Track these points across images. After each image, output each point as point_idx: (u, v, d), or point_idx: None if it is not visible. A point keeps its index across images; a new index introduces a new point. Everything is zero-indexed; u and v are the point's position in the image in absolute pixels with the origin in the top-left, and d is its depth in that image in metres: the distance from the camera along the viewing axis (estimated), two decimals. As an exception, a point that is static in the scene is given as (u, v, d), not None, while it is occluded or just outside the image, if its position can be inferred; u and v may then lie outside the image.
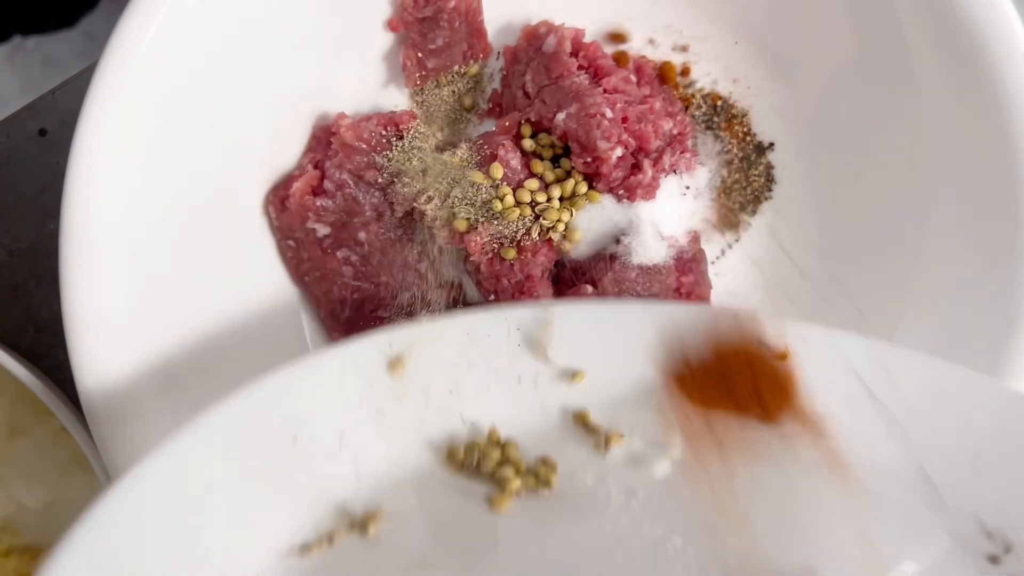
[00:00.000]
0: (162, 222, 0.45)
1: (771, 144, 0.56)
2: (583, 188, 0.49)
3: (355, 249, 0.51)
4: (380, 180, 0.51)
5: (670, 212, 0.51)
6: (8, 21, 1.08)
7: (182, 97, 0.45)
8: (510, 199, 0.48)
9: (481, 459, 0.38)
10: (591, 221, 0.50)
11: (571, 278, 0.51)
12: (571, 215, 0.49)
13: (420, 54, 0.52)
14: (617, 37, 0.55)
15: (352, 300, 0.52)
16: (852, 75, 0.52)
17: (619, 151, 0.48)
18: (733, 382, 0.38)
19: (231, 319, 0.49)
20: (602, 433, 0.39)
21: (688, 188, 0.52)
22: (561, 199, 0.49)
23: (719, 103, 0.55)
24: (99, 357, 0.43)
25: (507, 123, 0.51)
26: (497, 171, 0.48)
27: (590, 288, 0.48)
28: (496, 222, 0.48)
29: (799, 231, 0.56)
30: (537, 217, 0.49)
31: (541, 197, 0.49)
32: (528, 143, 0.50)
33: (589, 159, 0.48)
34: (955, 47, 0.46)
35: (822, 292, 0.55)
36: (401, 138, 0.51)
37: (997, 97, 0.46)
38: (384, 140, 0.51)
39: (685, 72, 0.55)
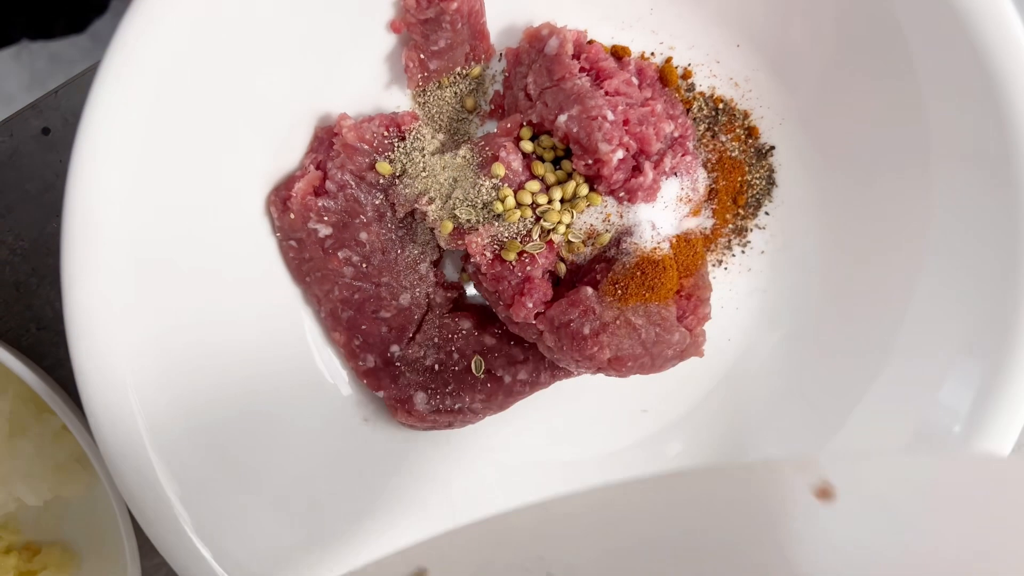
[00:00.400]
0: (163, 221, 0.46)
1: (772, 148, 0.56)
2: (584, 190, 0.49)
3: (356, 249, 0.52)
4: (382, 181, 0.51)
5: (670, 214, 0.51)
6: (16, 25, 1.08)
7: (184, 97, 0.45)
8: (511, 201, 0.48)
9: None
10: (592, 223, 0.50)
11: (571, 280, 0.51)
12: (572, 217, 0.49)
13: (422, 55, 0.52)
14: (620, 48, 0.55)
15: (353, 300, 0.52)
16: (853, 79, 0.52)
17: (620, 153, 0.48)
18: None
19: (232, 318, 0.49)
20: None
21: (688, 191, 0.52)
22: (562, 201, 0.49)
23: (720, 106, 0.55)
24: (99, 355, 0.43)
25: (509, 125, 0.51)
26: (499, 170, 0.48)
27: (590, 290, 0.48)
28: (497, 223, 0.48)
29: (800, 232, 0.56)
30: (538, 219, 0.49)
31: (542, 199, 0.49)
32: (529, 145, 0.50)
33: (590, 161, 0.48)
34: (956, 49, 0.46)
35: (823, 293, 0.55)
36: (403, 139, 0.51)
37: (998, 100, 0.46)
38: (386, 141, 0.51)
39: (687, 75, 0.55)
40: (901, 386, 0.50)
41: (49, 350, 0.57)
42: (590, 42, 0.53)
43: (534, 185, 0.49)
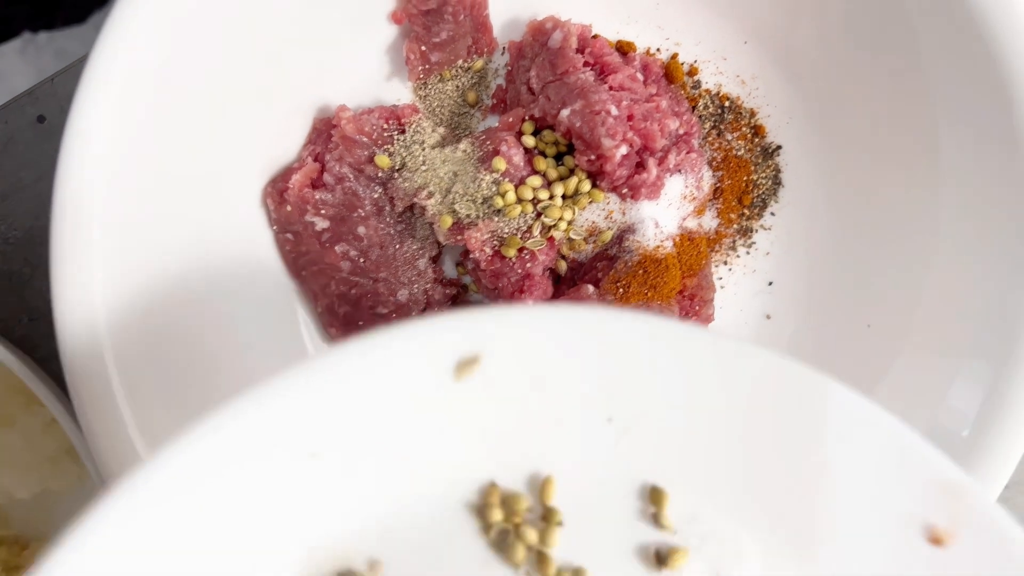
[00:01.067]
0: (156, 211, 0.45)
1: (778, 147, 0.55)
2: (586, 186, 0.48)
3: (354, 244, 0.51)
4: (381, 174, 0.50)
5: (674, 212, 0.50)
6: (18, 16, 1.08)
7: (178, 85, 0.44)
8: (512, 196, 0.47)
9: (513, 540, 0.31)
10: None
11: (572, 277, 0.50)
12: (573, 213, 0.48)
13: (424, 47, 0.51)
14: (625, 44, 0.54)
15: (350, 296, 0.51)
16: (862, 77, 0.51)
17: (624, 149, 0.47)
18: None
19: (225, 311, 0.48)
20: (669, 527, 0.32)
21: (692, 189, 0.51)
22: (564, 197, 0.48)
23: (727, 103, 0.54)
24: (88, 346, 0.43)
25: (510, 119, 0.50)
26: (500, 164, 0.47)
27: (591, 288, 0.47)
28: (497, 219, 0.48)
29: (806, 234, 0.55)
30: (539, 215, 0.48)
31: (543, 194, 0.48)
32: (531, 140, 0.49)
33: (593, 157, 0.47)
34: (967, 46, 0.45)
35: (829, 296, 0.54)
36: (403, 132, 0.50)
37: (1009, 98, 0.45)
38: (385, 134, 0.50)
39: (693, 72, 0.54)
40: (907, 390, 0.49)
41: (41, 342, 0.57)
42: (594, 36, 0.52)
43: (535, 180, 0.48)
